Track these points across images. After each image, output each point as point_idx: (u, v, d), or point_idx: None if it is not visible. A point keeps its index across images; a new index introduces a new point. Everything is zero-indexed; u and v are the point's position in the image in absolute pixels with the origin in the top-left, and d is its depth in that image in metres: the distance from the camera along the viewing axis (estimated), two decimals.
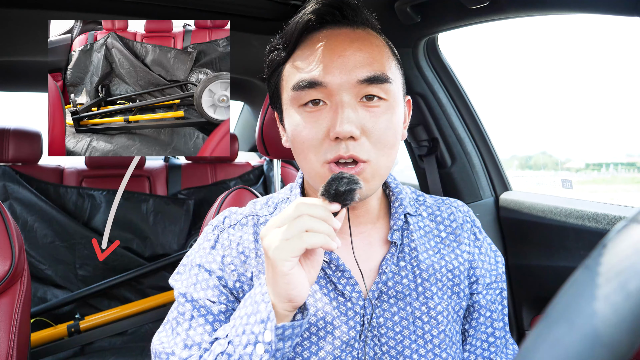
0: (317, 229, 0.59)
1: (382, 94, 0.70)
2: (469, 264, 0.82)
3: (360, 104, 0.69)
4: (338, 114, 0.67)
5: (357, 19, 0.74)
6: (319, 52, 0.70)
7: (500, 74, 4.22)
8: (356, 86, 0.68)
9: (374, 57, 0.70)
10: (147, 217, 2.61)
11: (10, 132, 2.41)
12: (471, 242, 0.84)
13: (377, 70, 0.69)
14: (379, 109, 0.69)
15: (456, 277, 0.79)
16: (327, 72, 0.68)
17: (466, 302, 0.81)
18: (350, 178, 0.61)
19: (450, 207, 0.86)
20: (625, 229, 0.30)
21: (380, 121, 0.69)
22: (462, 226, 0.84)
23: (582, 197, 1.35)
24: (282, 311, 0.62)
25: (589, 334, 0.27)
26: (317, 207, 0.61)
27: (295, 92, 0.70)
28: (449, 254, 0.81)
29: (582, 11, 1.01)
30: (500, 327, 0.84)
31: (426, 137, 1.60)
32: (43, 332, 2.18)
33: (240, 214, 0.82)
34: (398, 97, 0.73)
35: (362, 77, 0.68)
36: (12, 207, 2.34)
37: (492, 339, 0.82)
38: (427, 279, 0.77)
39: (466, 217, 0.86)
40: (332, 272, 0.74)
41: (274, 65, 0.77)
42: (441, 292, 0.77)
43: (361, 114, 0.68)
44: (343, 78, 0.68)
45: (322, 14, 0.72)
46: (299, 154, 0.73)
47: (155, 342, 0.74)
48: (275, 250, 0.59)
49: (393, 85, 0.71)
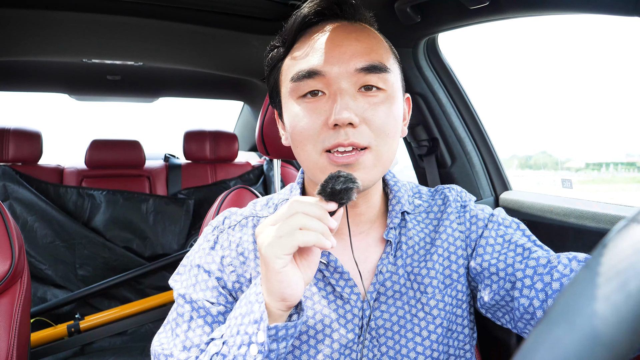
0: (311, 227, 0.58)
1: (380, 84, 0.69)
2: (463, 236, 0.80)
3: (359, 93, 0.69)
4: (336, 101, 0.67)
5: (356, 14, 0.74)
6: (317, 44, 0.70)
7: (500, 73, 4.23)
8: (354, 75, 0.68)
9: (371, 47, 0.70)
10: (147, 217, 2.61)
11: (10, 132, 2.41)
12: (460, 212, 0.82)
13: (375, 59, 0.69)
14: (377, 98, 0.69)
15: (451, 262, 0.78)
16: (325, 62, 0.68)
17: (463, 283, 0.78)
18: (347, 177, 0.61)
19: (443, 192, 0.85)
20: (626, 229, 0.30)
21: (380, 110, 0.69)
22: (452, 204, 0.83)
23: (582, 196, 1.35)
24: (276, 311, 0.61)
25: (589, 334, 0.27)
26: (311, 205, 0.60)
27: (294, 83, 0.70)
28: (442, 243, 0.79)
29: (582, 11, 1.00)
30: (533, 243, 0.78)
31: (426, 137, 1.60)
32: (43, 332, 2.18)
33: (240, 215, 0.81)
34: (397, 89, 0.73)
35: (360, 66, 0.68)
36: (12, 207, 2.34)
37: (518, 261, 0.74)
38: (421, 274, 0.76)
39: (457, 197, 0.85)
40: (330, 274, 0.74)
41: (273, 62, 0.77)
42: (436, 280, 0.76)
43: (360, 103, 0.68)
44: (341, 67, 0.68)
45: (321, 9, 0.72)
46: (297, 145, 0.72)
47: (155, 343, 0.74)
48: (267, 247, 0.59)
49: (391, 76, 0.71)
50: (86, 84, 2.81)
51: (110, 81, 2.72)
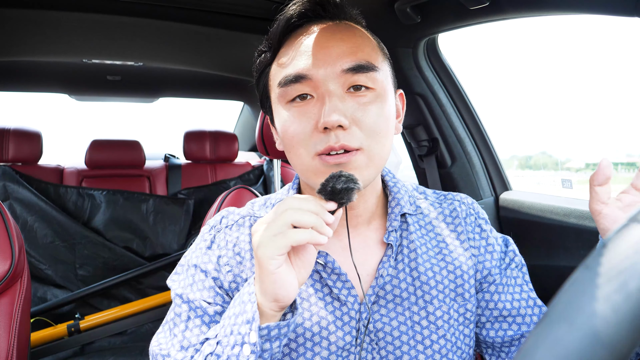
0: (303, 222, 0.57)
1: (369, 83, 0.68)
2: (476, 259, 0.79)
3: (348, 94, 0.68)
4: (325, 104, 0.66)
5: (340, 14, 0.73)
6: (302, 47, 0.70)
7: (500, 74, 4.23)
8: (341, 76, 0.67)
9: (357, 46, 0.69)
10: (147, 217, 2.61)
11: (10, 132, 2.41)
12: (476, 235, 0.81)
13: (361, 59, 0.68)
14: (366, 98, 0.68)
15: (458, 277, 0.77)
16: (311, 65, 0.68)
17: (473, 303, 0.77)
18: (349, 177, 0.60)
19: (453, 202, 0.84)
20: (625, 229, 0.30)
21: (370, 109, 0.68)
22: (465, 220, 0.81)
23: (582, 197, 1.35)
24: (268, 311, 0.61)
25: (589, 334, 0.27)
26: (302, 199, 0.59)
27: (282, 88, 0.70)
28: (450, 253, 0.78)
29: (582, 11, 1.00)
30: (530, 305, 0.80)
31: (426, 137, 1.60)
32: (43, 332, 2.18)
33: (238, 214, 0.81)
34: (387, 87, 0.72)
35: (346, 66, 0.67)
36: (12, 207, 2.34)
37: (519, 320, 0.78)
38: (426, 282, 0.75)
39: (470, 211, 0.83)
40: (327, 275, 0.73)
41: (261, 67, 0.77)
42: (442, 294, 0.75)
43: (349, 104, 0.67)
44: (327, 69, 0.67)
45: (304, 11, 0.71)
46: (289, 150, 0.72)
47: (153, 343, 0.74)
48: (260, 248, 0.58)
49: (380, 74, 0.70)
50: (86, 84, 2.81)
51: (110, 81, 2.72)
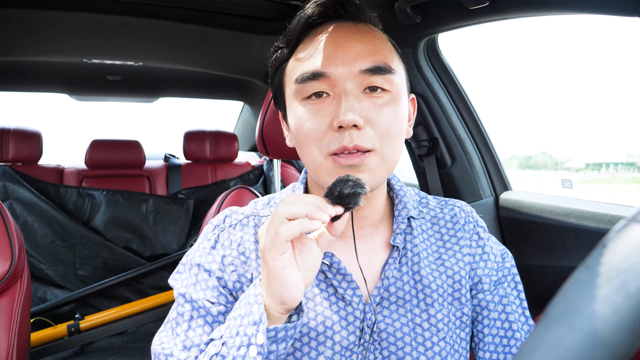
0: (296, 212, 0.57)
1: (385, 85, 0.69)
2: (470, 267, 0.80)
3: (364, 94, 0.69)
4: (341, 103, 0.66)
5: (360, 15, 0.74)
6: (321, 45, 0.70)
7: (500, 74, 4.22)
8: (359, 76, 0.68)
9: (376, 48, 0.70)
10: (147, 217, 2.61)
11: (10, 132, 2.41)
12: (473, 242, 0.82)
13: (379, 60, 0.69)
14: (382, 99, 0.69)
15: (456, 282, 0.78)
16: (329, 63, 0.68)
17: (469, 307, 0.79)
18: (356, 182, 0.60)
19: (453, 209, 0.85)
20: (625, 229, 0.30)
21: (385, 111, 0.68)
22: (464, 227, 0.83)
23: (582, 196, 1.35)
24: (275, 313, 0.61)
25: (589, 334, 0.27)
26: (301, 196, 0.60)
27: (299, 84, 0.70)
28: (449, 258, 0.79)
29: (582, 11, 1.00)
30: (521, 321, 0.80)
31: (426, 137, 1.60)
32: (43, 332, 2.18)
33: (241, 214, 0.81)
34: (402, 90, 0.72)
35: (364, 67, 0.68)
36: (12, 207, 2.34)
37: (510, 334, 0.79)
38: (427, 285, 0.76)
39: (469, 218, 0.84)
40: (332, 275, 0.73)
41: (277, 63, 0.77)
42: (442, 298, 0.76)
43: (365, 105, 0.68)
44: (346, 68, 0.68)
45: (325, 10, 0.72)
46: (301, 147, 0.72)
47: (155, 342, 0.74)
48: (265, 250, 0.59)
49: (396, 77, 0.71)
50: (86, 84, 2.81)
51: (110, 81, 2.72)
